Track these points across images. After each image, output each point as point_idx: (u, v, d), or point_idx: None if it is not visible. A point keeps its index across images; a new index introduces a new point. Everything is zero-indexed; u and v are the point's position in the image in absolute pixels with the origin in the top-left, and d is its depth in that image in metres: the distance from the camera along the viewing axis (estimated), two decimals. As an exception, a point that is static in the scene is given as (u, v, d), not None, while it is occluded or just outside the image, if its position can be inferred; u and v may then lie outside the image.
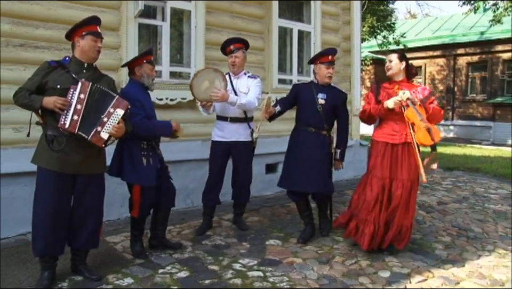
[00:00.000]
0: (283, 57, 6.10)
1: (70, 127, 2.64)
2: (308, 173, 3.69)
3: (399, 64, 3.51)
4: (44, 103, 2.65)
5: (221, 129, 3.96)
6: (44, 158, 2.74)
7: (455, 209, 5.08)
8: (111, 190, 4.19)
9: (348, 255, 3.51)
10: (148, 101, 3.33)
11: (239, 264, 3.28)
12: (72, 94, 2.66)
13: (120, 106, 2.75)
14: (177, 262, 3.29)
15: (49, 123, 2.74)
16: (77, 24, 2.84)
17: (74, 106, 2.65)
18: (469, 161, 8.94)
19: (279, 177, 3.96)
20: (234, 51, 3.92)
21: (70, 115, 2.63)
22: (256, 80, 4.03)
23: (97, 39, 2.85)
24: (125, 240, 3.68)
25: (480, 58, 16.28)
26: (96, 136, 2.71)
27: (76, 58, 2.84)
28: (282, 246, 3.72)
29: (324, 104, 3.74)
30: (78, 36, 2.81)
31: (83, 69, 2.83)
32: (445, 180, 6.88)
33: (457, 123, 16.59)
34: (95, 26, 2.87)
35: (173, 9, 4.79)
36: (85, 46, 2.81)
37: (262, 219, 4.49)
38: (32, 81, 2.74)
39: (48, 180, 2.73)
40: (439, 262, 3.43)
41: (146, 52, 3.36)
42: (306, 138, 3.78)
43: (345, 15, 6.70)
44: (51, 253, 2.81)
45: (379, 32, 14.93)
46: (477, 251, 3.70)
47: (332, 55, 3.81)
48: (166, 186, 3.43)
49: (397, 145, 3.45)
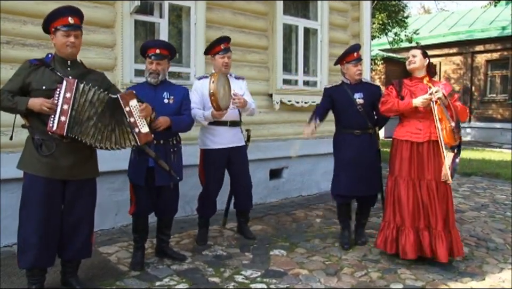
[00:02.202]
0: (288, 56, 6.10)
1: (57, 129, 2.60)
2: (367, 176, 3.83)
3: (423, 60, 3.56)
4: (29, 105, 2.61)
5: (218, 135, 3.89)
6: (31, 164, 2.71)
7: (473, 217, 5.05)
8: (106, 197, 4.22)
9: (357, 267, 3.49)
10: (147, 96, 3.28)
11: (242, 276, 3.27)
12: (58, 94, 2.63)
13: (130, 98, 2.82)
14: (175, 273, 3.28)
15: (35, 127, 2.70)
16: (45, 18, 2.77)
17: (61, 106, 2.61)
18: (488, 166, 8.88)
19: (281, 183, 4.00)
20: (225, 50, 3.89)
21: (57, 116, 2.60)
22: (245, 82, 4.13)
23: (68, 32, 2.73)
24: (120, 250, 3.68)
25: (501, 56, 16.16)
26: (141, 136, 2.81)
27: (57, 56, 2.79)
28: (287, 256, 3.70)
29: (363, 104, 3.82)
30: (52, 33, 2.77)
31: (67, 66, 2.79)
32: (462, 186, 6.84)
33: (475, 125, 16.50)
34: (66, 18, 2.74)
35: (171, 5, 4.81)
36: (57, 43, 2.75)
37: (266, 228, 4.48)
38: (13, 82, 2.70)
39: (36, 187, 2.69)
40: (457, 274, 3.40)
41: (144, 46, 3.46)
42: (353, 142, 3.86)
43: (354, 11, 6.70)
44: (40, 265, 2.78)
45: (390, 29, 14.89)
46: (498, 263, 3.66)
47: (357, 52, 3.89)
48: (168, 193, 3.42)
49: (422, 144, 3.48)
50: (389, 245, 3.55)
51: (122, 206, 4.31)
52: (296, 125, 5.98)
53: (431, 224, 3.45)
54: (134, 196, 3.36)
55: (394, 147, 3.65)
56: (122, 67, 4.35)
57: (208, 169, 3.93)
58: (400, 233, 3.52)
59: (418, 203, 3.49)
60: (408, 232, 3.47)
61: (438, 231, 3.42)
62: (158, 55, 3.34)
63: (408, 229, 3.48)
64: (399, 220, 3.54)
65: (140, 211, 3.37)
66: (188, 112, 3.49)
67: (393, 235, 3.55)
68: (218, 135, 3.90)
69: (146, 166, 3.26)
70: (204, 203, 3.99)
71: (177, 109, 3.40)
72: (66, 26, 2.73)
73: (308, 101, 5.97)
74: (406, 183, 3.51)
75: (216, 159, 3.91)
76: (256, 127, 5.55)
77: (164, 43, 3.54)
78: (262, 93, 5.61)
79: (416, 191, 3.49)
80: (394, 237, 3.54)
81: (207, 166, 3.93)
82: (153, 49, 3.35)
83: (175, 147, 3.42)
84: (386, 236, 3.59)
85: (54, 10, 2.77)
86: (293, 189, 5.92)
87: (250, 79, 5.47)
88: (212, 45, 3.96)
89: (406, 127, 3.57)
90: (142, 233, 3.42)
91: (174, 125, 3.30)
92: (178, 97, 3.43)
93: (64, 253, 2.88)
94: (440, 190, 3.45)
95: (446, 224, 3.46)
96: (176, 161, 3.40)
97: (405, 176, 3.52)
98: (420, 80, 3.56)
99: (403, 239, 3.48)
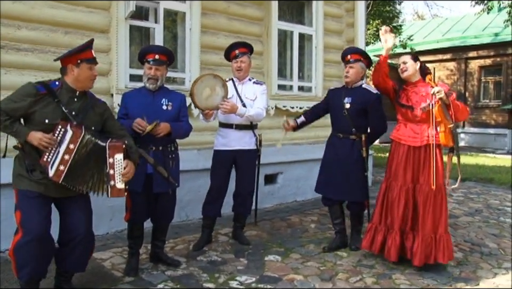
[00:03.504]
0: (283, 62, 6.13)
1: (54, 176, 2.58)
2: (338, 180, 3.86)
3: (414, 65, 3.57)
4: (28, 138, 2.55)
5: (225, 136, 3.98)
6: (23, 182, 2.65)
7: (467, 222, 5.08)
8: (100, 203, 4.16)
9: (352, 272, 3.50)
10: (139, 101, 3.32)
11: (236, 282, 3.26)
12: (59, 133, 2.59)
13: (116, 151, 2.72)
14: (170, 279, 3.27)
15: (28, 152, 2.63)
16: (73, 51, 2.72)
17: (62, 155, 2.57)
18: (482, 171, 8.95)
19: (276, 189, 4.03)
20: (239, 56, 3.99)
21: (56, 164, 2.57)
22: (263, 88, 4.11)
23: (92, 66, 2.75)
24: (114, 256, 3.66)
25: (494, 62, 16.34)
26: (114, 190, 2.73)
27: (67, 85, 2.71)
28: (282, 261, 3.70)
29: (349, 108, 3.81)
30: (73, 64, 2.68)
31: (74, 97, 2.72)
32: (456, 192, 6.88)
33: (468, 131, 16.62)
34: (91, 51, 2.77)
35: (166, 11, 4.82)
36: (80, 76, 2.70)
37: (260, 234, 4.48)
38: (14, 106, 2.57)
39: (29, 202, 2.62)
40: (451, 279, 3.41)
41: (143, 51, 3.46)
42: (336, 144, 3.92)
43: (348, 16, 6.75)
44: (38, 276, 2.75)
45: (385, 35, 14.99)
46: (493, 268, 3.68)
47: (350, 54, 3.92)
48: (165, 198, 3.41)
49: (419, 148, 3.50)
50: (374, 245, 3.61)
51: (117, 211, 4.29)
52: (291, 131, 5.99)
53: (418, 227, 3.47)
54: (130, 203, 3.31)
55: (391, 149, 3.68)
56: (117, 72, 4.35)
57: (214, 168, 4.04)
58: (388, 235, 3.56)
59: (409, 208, 3.51)
60: (395, 235, 3.52)
61: (423, 235, 3.44)
62: (157, 61, 3.33)
63: (396, 232, 3.52)
64: (389, 222, 3.58)
65: (135, 218, 3.34)
66: (186, 119, 3.51)
67: (380, 237, 3.59)
68: (225, 137, 3.99)
69: (144, 172, 3.24)
70: (205, 202, 4.04)
71: (175, 115, 3.41)
72: (92, 60, 2.75)
73: (303, 106, 5.99)
74: (399, 188, 3.54)
75: (221, 159, 3.99)
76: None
77: (163, 49, 3.52)
78: (257, 98, 5.62)
79: (409, 195, 3.51)
80: (381, 239, 3.58)
81: (213, 166, 4.04)
82: (152, 55, 3.34)
83: (173, 154, 3.42)
84: (372, 237, 3.64)
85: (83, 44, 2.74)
86: (288, 194, 5.92)
87: (245, 84, 5.49)
88: (226, 51, 4.10)
89: (403, 130, 3.60)
90: (137, 239, 3.41)
91: (174, 131, 3.31)
92: (176, 104, 3.43)
93: (62, 264, 2.85)
94: (434, 195, 3.46)
95: (436, 229, 3.47)
96: (174, 167, 3.40)
97: (399, 180, 3.54)
98: (415, 85, 3.58)
99: (390, 241, 3.54)
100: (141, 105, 3.30)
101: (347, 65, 3.89)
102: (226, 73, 5.19)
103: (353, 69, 3.86)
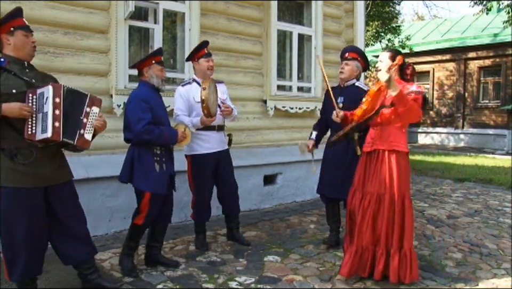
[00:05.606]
0: (282, 63, 6.14)
1: (53, 135, 2.54)
2: (335, 179, 3.91)
3: (389, 64, 3.25)
4: (4, 111, 2.45)
5: (208, 140, 3.91)
6: (8, 177, 2.54)
7: (466, 223, 5.08)
8: (99, 203, 4.21)
9: (352, 273, 3.49)
10: (158, 103, 3.37)
11: (236, 282, 3.27)
12: (32, 100, 2.57)
13: (95, 103, 2.78)
14: (169, 280, 3.27)
15: (5, 135, 2.54)
16: (2, 20, 2.65)
17: (52, 112, 2.54)
18: (481, 171, 8.95)
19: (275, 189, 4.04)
20: (209, 54, 3.93)
21: (50, 123, 2.53)
22: (225, 86, 4.15)
23: (28, 34, 2.69)
24: (113, 256, 3.66)
25: (493, 62, 16.35)
26: (81, 139, 2.70)
27: (12, 58, 2.64)
28: (281, 262, 3.71)
29: (342, 108, 3.76)
30: (5, 33, 2.62)
31: (25, 68, 2.69)
32: (455, 192, 6.88)
33: (468, 131, 16.63)
34: (22, 19, 2.70)
35: (166, 11, 4.83)
36: (17, 43, 2.64)
37: (260, 234, 4.48)
38: None
39: (17, 200, 2.55)
40: (450, 280, 3.41)
41: (155, 52, 3.46)
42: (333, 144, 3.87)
43: (348, 17, 6.77)
44: (30, 275, 2.73)
45: (384, 36, 15.04)
46: (492, 269, 3.68)
47: (348, 52, 3.95)
48: (170, 198, 3.48)
49: (370, 153, 3.34)
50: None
51: (116, 212, 4.30)
52: (290, 131, 6.01)
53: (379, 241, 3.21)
54: (148, 207, 3.26)
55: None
56: (116, 73, 4.35)
57: (199, 174, 3.93)
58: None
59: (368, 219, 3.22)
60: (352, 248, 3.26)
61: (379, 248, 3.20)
62: (162, 62, 3.43)
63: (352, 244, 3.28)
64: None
65: (148, 221, 3.34)
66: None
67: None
68: (208, 141, 3.92)
69: (169, 173, 3.33)
70: (199, 209, 3.99)
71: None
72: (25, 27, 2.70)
73: (302, 106, 6.01)
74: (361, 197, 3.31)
75: (206, 163, 3.92)
76: (250, 133, 5.58)
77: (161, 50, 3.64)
78: (256, 99, 5.63)
79: (364, 204, 3.25)
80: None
81: (198, 172, 3.92)
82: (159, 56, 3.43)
83: (172, 154, 3.48)
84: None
85: (12, 11, 2.69)
86: (287, 195, 5.93)
87: (244, 85, 5.51)
88: (196, 49, 3.98)
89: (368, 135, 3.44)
90: (139, 242, 3.42)
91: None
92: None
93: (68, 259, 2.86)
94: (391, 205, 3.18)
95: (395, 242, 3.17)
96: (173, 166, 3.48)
97: (359, 188, 3.34)
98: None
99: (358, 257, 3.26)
100: (161, 106, 3.42)
101: (343, 62, 3.92)
102: (226, 73, 5.22)
103: (348, 66, 3.89)
